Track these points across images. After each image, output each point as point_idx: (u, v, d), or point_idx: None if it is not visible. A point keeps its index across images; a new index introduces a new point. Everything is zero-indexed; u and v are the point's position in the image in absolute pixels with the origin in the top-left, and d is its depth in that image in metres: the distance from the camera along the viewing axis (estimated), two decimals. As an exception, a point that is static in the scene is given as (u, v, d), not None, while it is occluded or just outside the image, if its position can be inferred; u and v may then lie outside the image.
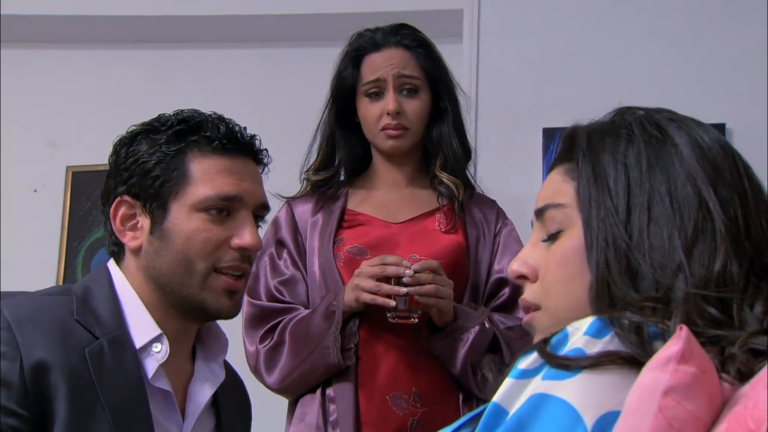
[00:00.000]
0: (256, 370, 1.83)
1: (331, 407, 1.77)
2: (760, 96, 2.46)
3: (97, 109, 2.94)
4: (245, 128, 1.36)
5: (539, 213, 0.92)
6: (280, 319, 1.83)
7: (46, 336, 1.17)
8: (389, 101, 1.87)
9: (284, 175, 1.94)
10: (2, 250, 2.80)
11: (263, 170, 1.40)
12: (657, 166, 0.85)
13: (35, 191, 2.99)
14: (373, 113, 1.89)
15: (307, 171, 1.97)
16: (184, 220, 1.27)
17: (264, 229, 1.76)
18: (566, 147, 0.93)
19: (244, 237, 1.29)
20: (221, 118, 1.34)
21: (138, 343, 1.25)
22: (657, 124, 0.89)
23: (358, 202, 1.94)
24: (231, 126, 1.33)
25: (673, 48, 2.63)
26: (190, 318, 1.32)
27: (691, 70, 2.60)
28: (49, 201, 2.96)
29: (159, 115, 1.34)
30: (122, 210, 1.30)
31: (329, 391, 1.79)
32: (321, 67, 2.03)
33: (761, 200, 0.86)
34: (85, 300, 1.26)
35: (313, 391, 1.81)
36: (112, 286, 1.29)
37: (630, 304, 0.78)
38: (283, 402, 1.89)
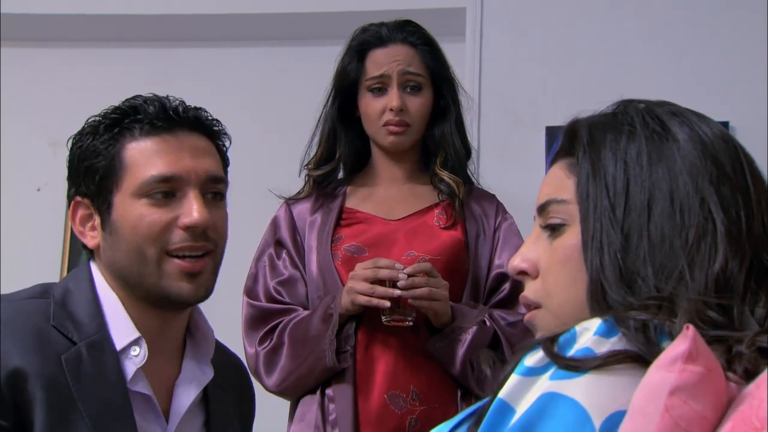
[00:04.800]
0: (255, 373, 1.82)
1: (331, 407, 1.77)
2: (763, 94, 2.46)
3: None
4: (181, 101, 1.29)
5: (542, 209, 0.91)
6: (279, 320, 1.84)
7: (22, 344, 1.14)
8: (393, 98, 1.87)
9: (286, 173, 1.94)
10: (5, 249, 2.80)
11: (221, 142, 1.33)
12: (658, 164, 0.84)
13: (38, 190, 2.99)
14: (376, 108, 1.89)
15: (308, 165, 1.96)
16: (128, 209, 1.23)
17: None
18: (567, 141, 0.92)
19: (190, 214, 1.22)
20: (156, 98, 1.28)
21: (118, 345, 1.22)
22: (659, 118, 0.87)
23: (357, 199, 1.94)
24: (163, 103, 1.27)
25: (676, 46, 2.63)
26: (162, 308, 1.26)
27: (694, 69, 2.59)
28: (52, 200, 2.96)
29: (106, 108, 1.30)
30: (80, 212, 1.28)
31: (329, 391, 1.79)
32: (323, 65, 2.02)
33: (764, 195, 0.85)
34: (63, 303, 1.22)
35: (313, 391, 1.81)
36: (92, 285, 1.26)
37: (630, 304, 0.78)
38: (286, 401, 1.89)
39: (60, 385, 1.14)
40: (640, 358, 0.72)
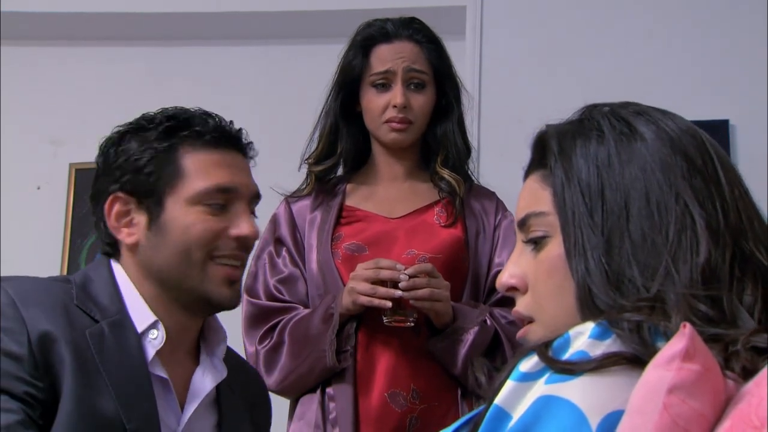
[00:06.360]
0: None
1: (331, 405, 1.77)
2: (763, 94, 2.46)
3: (100, 107, 2.95)
4: (231, 122, 1.38)
5: (522, 223, 0.91)
6: (279, 318, 1.83)
7: (49, 312, 1.19)
8: (397, 94, 1.86)
9: (285, 171, 1.94)
10: (5, 248, 2.80)
11: (251, 163, 1.41)
12: (630, 164, 0.84)
13: (38, 189, 3.00)
14: (379, 104, 1.88)
15: (308, 160, 1.96)
16: (182, 213, 1.29)
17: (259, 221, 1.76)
18: (538, 153, 0.93)
19: (242, 226, 1.31)
20: (208, 113, 1.36)
21: (138, 328, 1.27)
22: (624, 119, 0.88)
23: (357, 198, 1.94)
24: (219, 120, 1.35)
25: (676, 45, 2.63)
26: (193, 311, 1.32)
27: (695, 67, 2.60)
28: (53, 198, 2.96)
29: (143, 114, 1.35)
30: (117, 207, 1.31)
31: (329, 390, 1.78)
32: (323, 64, 2.02)
33: (735, 184, 0.85)
34: (84, 287, 1.28)
35: (313, 389, 1.81)
36: (112, 274, 1.31)
37: (622, 307, 0.78)
38: (286, 400, 1.89)
39: (86, 353, 1.19)
40: (635, 359, 0.72)
